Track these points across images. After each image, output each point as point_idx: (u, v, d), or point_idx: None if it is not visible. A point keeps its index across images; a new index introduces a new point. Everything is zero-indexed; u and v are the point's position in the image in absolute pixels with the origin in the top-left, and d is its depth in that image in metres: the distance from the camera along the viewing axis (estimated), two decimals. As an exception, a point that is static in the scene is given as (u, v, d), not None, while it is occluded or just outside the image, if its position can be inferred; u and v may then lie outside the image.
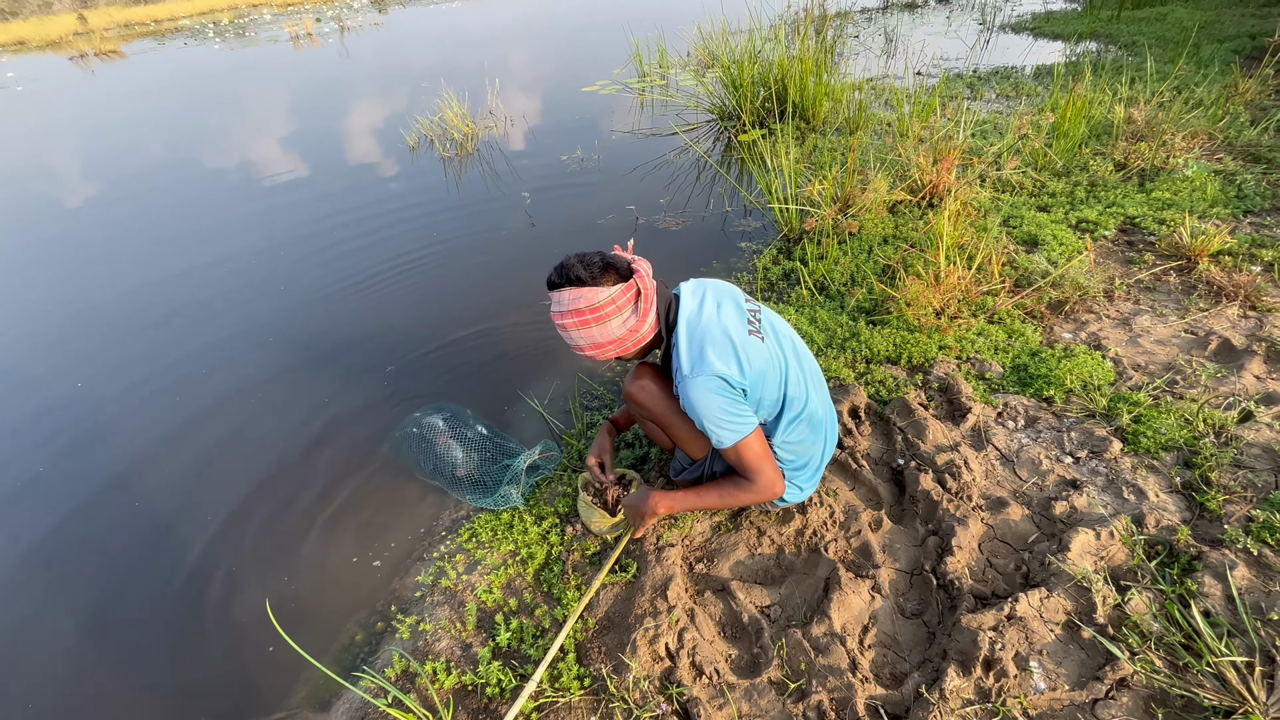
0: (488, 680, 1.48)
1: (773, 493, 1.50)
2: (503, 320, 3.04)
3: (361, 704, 1.53)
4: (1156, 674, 1.25)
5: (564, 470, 2.10)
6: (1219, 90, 3.91)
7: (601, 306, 1.38)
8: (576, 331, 1.42)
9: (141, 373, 2.90)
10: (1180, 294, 2.39)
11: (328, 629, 1.78)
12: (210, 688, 1.71)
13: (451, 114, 5.49)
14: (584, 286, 1.38)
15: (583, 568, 1.76)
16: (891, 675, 1.41)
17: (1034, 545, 1.58)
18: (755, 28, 5.83)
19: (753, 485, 1.48)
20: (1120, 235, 2.81)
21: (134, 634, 1.85)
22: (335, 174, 5.17)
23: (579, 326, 1.41)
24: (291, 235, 4.11)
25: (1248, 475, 1.62)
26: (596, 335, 1.42)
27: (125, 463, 2.43)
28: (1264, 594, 1.35)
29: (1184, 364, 2.04)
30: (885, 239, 3.00)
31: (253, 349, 3.00)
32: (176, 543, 2.10)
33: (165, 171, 5.74)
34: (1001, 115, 4.30)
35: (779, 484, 1.50)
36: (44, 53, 17.15)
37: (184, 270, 3.80)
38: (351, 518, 2.12)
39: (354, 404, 2.60)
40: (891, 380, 2.17)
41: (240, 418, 2.59)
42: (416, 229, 4.02)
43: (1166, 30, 5.76)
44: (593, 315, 1.39)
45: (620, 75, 7.11)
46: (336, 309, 3.25)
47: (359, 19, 16.70)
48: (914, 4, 8.95)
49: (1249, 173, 3.07)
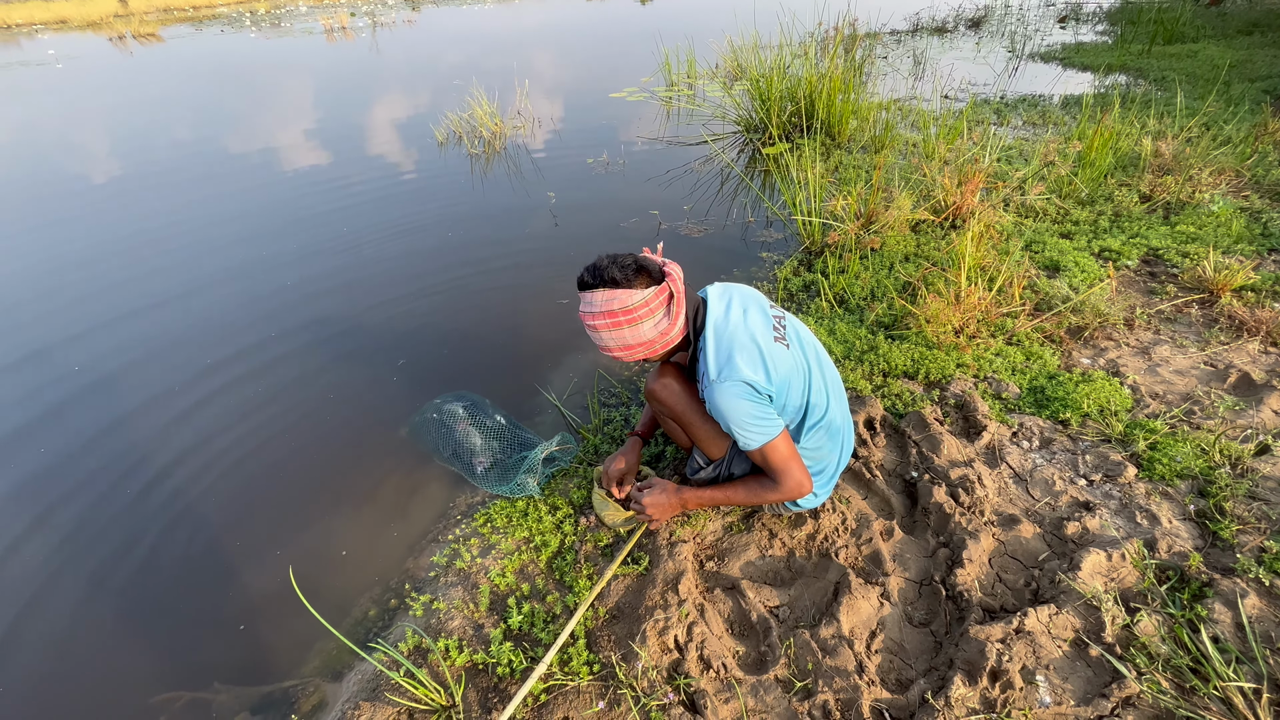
0: (499, 660, 1.51)
1: (800, 492, 1.51)
2: (524, 316, 3.09)
3: (374, 675, 1.56)
4: (1163, 695, 1.26)
5: (580, 463, 2.14)
6: (1248, 128, 3.92)
7: (635, 309, 1.40)
8: (607, 333, 1.43)
9: (166, 351, 2.97)
10: (1201, 326, 2.40)
11: (342, 603, 1.81)
12: (223, 654, 1.74)
13: (481, 111, 5.58)
14: (618, 288, 1.39)
15: (595, 558, 1.79)
16: (898, 680, 1.42)
17: (1044, 563, 1.59)
18: (785, 43, 5.88)
19: (779, 486, 1.50)
20: (1143, 266, 2.82)
21: (148, 600, 1.89)
22: (362, 165, 5.26)
23: (611, 328, 1.42)
24: (317, 224, 4.19)
25: (1262, 507, 1.63)
26: (628, 337, 1.43)
27: (152, 438, 2.48)
28: (1274, 623, 1.35)
29: (1202, 395, 2.05)
30: (907, 256, 3.02)
31: (276, 332, 3.06)
32: (197, 513, 2.14)
33: (191, 154, 5.86)
34: (1027, 142, 4.32)
35: (806, 484, 1.51)
36: (84, 32, 17.55)
37: (208, 253, 3.88)
38: (368, 497, 2.16)
39: (374, 388, 2.65)
40: (908, 394, 2.19)
41: (265, 395, 2.64)
42: (441, 223, 4.08)
43: (1197, 67, 5.76)
44: (626, 317, 1.40)
45: (649, 83, 7.19)
46: (358, 297, 3.30)
47: (392, 15, 16.98)
48: (943, 28, 8.99)
49: (1275, 211, 3.07)
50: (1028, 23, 9.18)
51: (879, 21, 9.25)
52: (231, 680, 1.67)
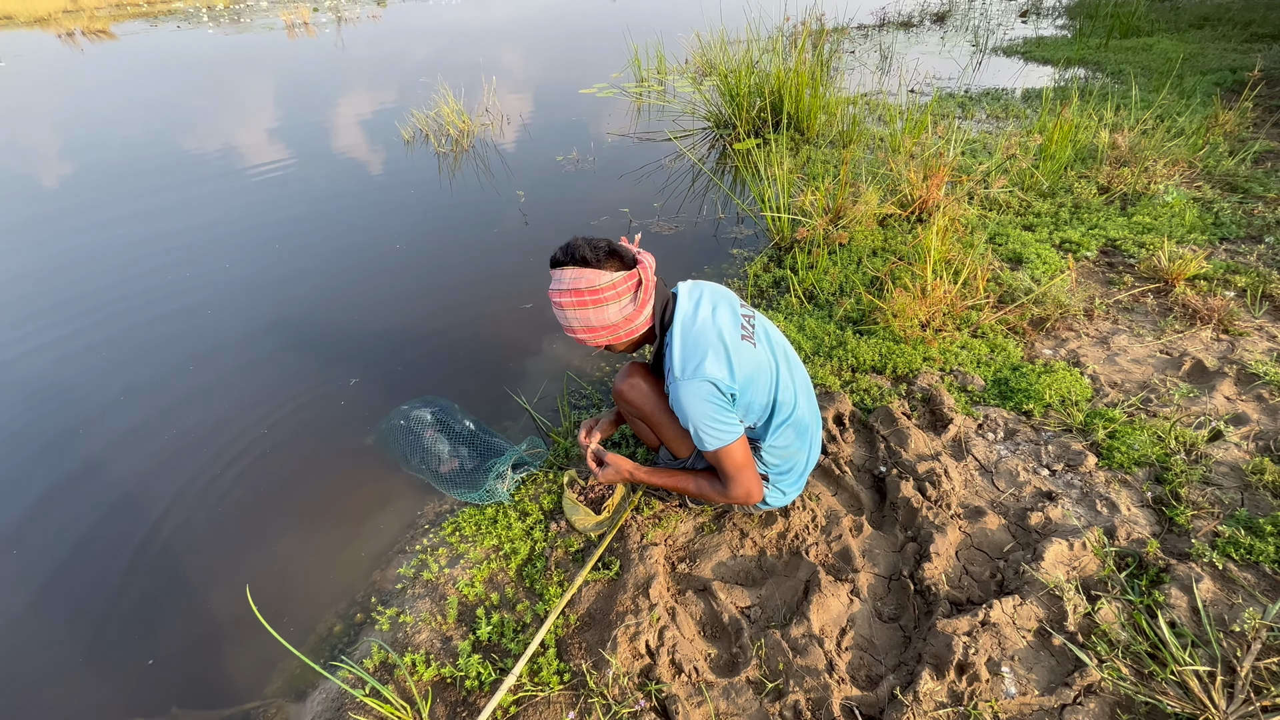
0: (467, 673, 1.48)
1: (748, 500, 1.54)
2: (493, 317, 3.04)
3: (338, 695, 1.52)
4: (1123, 681, 1.28)
5: (550, 467, 2.11)
6: (1200, 120, 4.03)
7: (601, 290, 1.38)
8: (572, 311, 1.41)
9: (119, 358, 2.86)
10: (1157, 315, 2.46)
11: (306, 619, 1.76)
12: (181, 675, 1.68)
13: (448, 109, 5.48)
14: (588, 268, 1.38)
15: (566, 564, 1.77)
16: (867, 677, 1.43)
17: (1009, 554, 1.62)
18: (754, 39, 5.89)
19: (726, 490, 1.53)
20: (1101, 256, 2.89)
21: (101, 618, 1.82)
22: (324, 164, 5.13)
23: (576, 306, 1.40)
24: (279, 225, 4.08)
25: (1216, 492, 1.67)
26: (592, 318, 1.41)
27: (101, 447, 2.39)
28: (1227, 606, 1.39)
29: (1158, 383, 2.10)
30: (874, 251, 3.05)
31: (235, 337, 2.97)
32: (151, 527, 2.07)
33: (146, 156, 5.65)
34: (991, 135, 4.39)
35: (755, 493, 1.53)
36: (31, 29, 16.82)
37: (164, 252, 3.75)
38: (333, 508, 2.11)
39: (339, 395, 2.59)
40: (876, 389, 2.21)
41: (223, 402, 2.56)
42: (407, 223, 4.00)
43: (1152, 60, 5.91)
44: (591, 297, 1.39)
45: (618, 79, 7.14)
46: (318, 302, 3.22)
47: (356, 10, 16.59)
48: (909, 23, 9.10)
49: (1226, 201, 3.16)
50: (991, 17, 9.33)
51: (846, 16, 9.32)
52: (191, 705, 1.61)
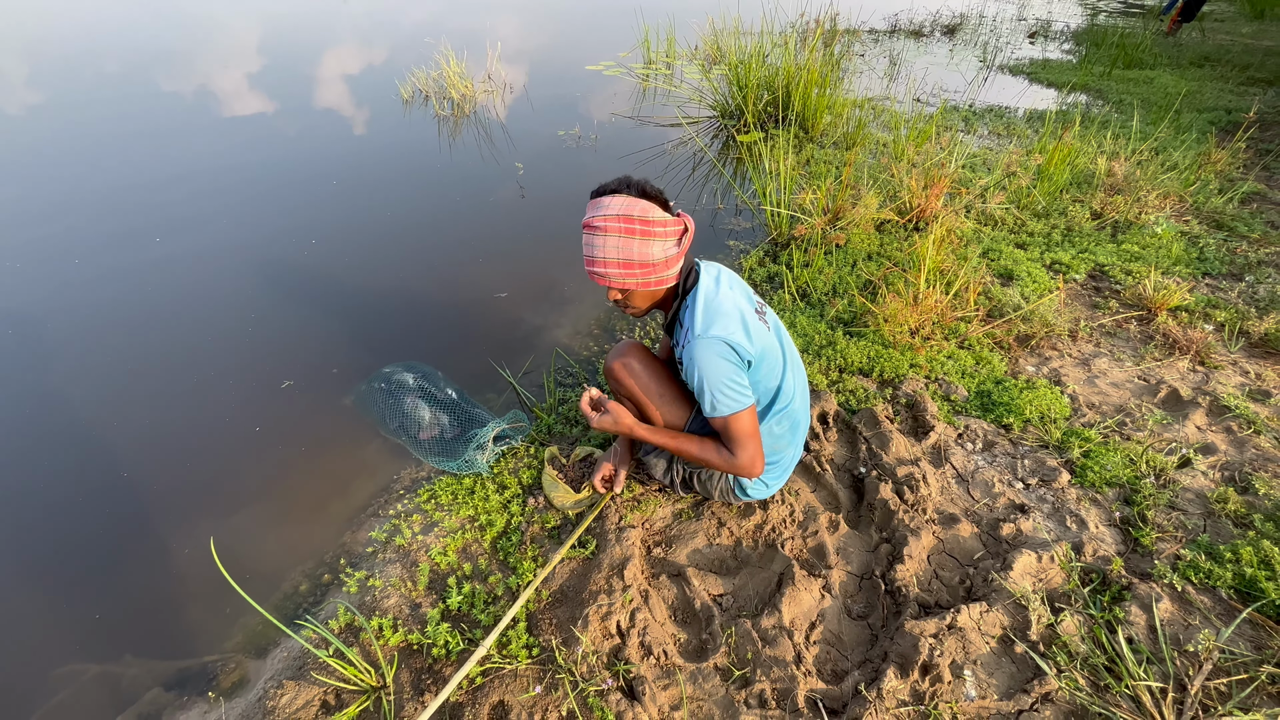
0: (435, 641, 1.47)
1: (751, 470, 1.48)
2: (483, 289, 2.98)
3: (300, 653, 1.50)
4: (1079, 692, 1.32)
5: (532, 442, 2.09)
6: (1194, 157, 4.11)
7: (653, 223, 1.34)
8: (616, 239, 1.34)
9: (98, 310, 2.75)
10: (1138, 342, 2.51)
11: (271, 576, 1.73)
12: (137, 624, 1.64)
13: (450, 71, 5.34)
14: (644, 198, 1.35)
15: (541, 540, 1.75)
16: (833, 671, 1.45)
17: (979, 562, 1.65)
18: (766, 31, 5.84)
19: (734, 458, 1.46)
20: (1089, 280, 2.93)
21: (57, 562, 1.76)
22: (318, 120, 4.97)
23: (623, 234, 1.34)
24: (269, 182, 3.95)
25: (1180, 517, 1.72)
26: (635, 251, 1.35)
27: (72, 396, 2.31)
28: (1183, 627, 1.43)
29: (1134, 408, 2.14)
30: (870, 254, 3.06)
31: (219, 294, 2.88)
32: (119, 475, 2.00)
33: (128, 102, 5.43)
34: (992, 152, 4.42)
35: (759, 464, 1.48)
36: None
37: (147, 209, 3.61)
38: (306, 467, 2.06)
39: (320, 355, 2.52)
40: (862, 391, 2.22)
41: (202, 357, 2.48)
42: (402, 185, 3.91)
43: (1152, 94, 6.01)
44: (642, 226, 1.34)
45: (626, 59, 7.03)
46: (306, 260, 3.13)
47: (362, -39, 16.02)
48: (920, 32, 9.10)
49: (1212, 237, 3.23)
50: (1000, 34, 9.37)
51: (859, 19, 9.28)
52: (145, 653, 1.57)
